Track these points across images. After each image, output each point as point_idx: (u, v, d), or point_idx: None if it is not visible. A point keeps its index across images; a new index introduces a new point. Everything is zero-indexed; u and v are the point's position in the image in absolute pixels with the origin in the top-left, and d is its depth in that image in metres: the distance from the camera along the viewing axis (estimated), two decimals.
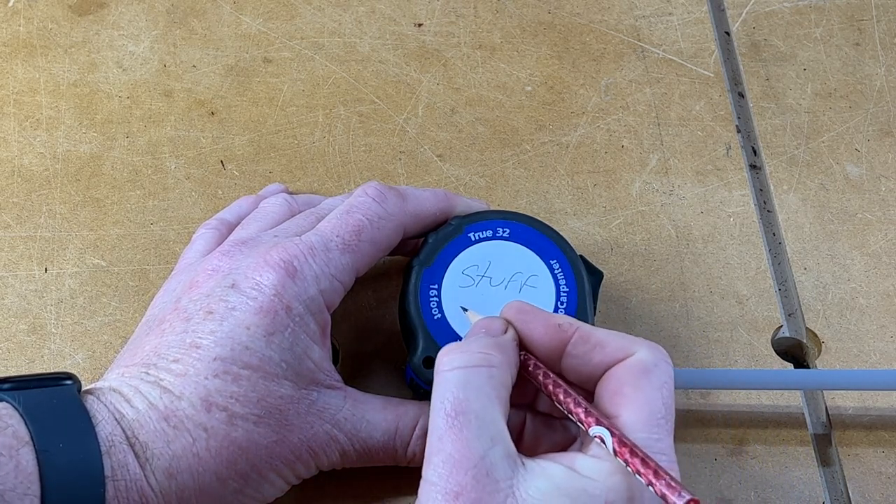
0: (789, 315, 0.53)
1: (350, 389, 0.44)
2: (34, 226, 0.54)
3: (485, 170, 0.57)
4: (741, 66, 0.61)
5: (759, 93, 0.60)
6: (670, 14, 0.63)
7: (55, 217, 0.54)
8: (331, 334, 0.45)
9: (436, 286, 0.46)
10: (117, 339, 0.51)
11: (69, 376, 0.41)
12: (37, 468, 0.37)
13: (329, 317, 0.44)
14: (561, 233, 0.48)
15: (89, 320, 0.51)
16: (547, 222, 0.48)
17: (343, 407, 0.43)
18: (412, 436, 0.44)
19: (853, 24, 0.63)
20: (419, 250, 0.47)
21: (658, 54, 0.61)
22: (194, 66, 0.60)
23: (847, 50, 0.62)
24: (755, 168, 0.58)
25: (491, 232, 0.48)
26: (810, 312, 0.53)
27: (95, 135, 0.57)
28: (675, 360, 0.51)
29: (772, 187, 0.57)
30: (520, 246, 0.48)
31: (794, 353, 0.53)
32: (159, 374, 0.41)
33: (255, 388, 0.41)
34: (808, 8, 0.64)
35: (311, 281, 0.43)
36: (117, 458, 0.39)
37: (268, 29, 0.61)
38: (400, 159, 0.57)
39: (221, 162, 0.56)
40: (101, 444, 0.39)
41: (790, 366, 0.52)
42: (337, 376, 0.44)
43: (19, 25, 0.61)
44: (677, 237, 0.55)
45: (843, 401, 0.51)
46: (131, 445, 0.39)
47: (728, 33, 0.63)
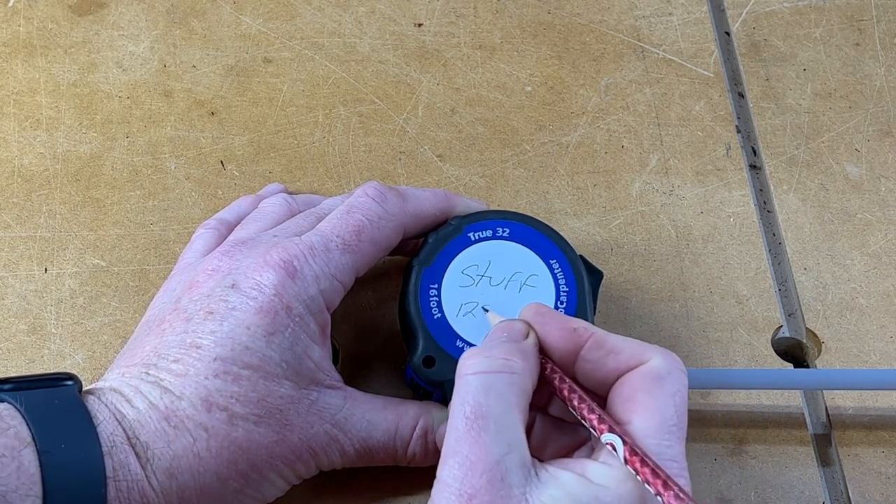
0: (789, 315, 0.53)
1: (350, 389, 0.44)
2: (34, 226, 0.54)
3: (485, 170, 0.57)
4: (741, 66, 0.61)
5: (759, 93, 0.60)
6: (670, 14, 0.63)
7: (55, 217, 0.54)
8: (331, 334, 0.45)
9: (436, 286, 0.46)
10: (117, 339, 0.51)
11: (70, 376, 0.41)
12: (38, 469, 0.37)
13: (329, 317, 0.44)
14: (561, 233, 0.48)
15: (89, 320, 0.51)
16: (547, 222, 0.48)
17: (343, 407, 0.43)
18: (412, 436, 0.44)
19: (853, 24, 0.63)
20: (419, 250, 0.47)
21: (658, 54, 0.61)
22: (194, 66, 0.60)
23: (847, 50, 0.62)
24: (755, 168, 0.58)
25: (491, 232, 0.48)
26: (810, 312, 0.53)
27: (95, 135, 0.57)
28: None
29: (772, 187, 0.57)
30: (520, 246, 0.48)
31: (794, 353, 0.53)
32: (159, 374, 0.41)
33: (255, 388, 0.41)
34: (808, 8, 0.64)
35: (311, 281, 0.43)
36: (118, 459, 0.39)
37: (268, 29, 0.61)
38: (400, 159, 0.57)
39: (221, 162, 0.56)
40: (103, 445, 0.39)
41: (790, 366, 0.52)
42: (337, 376, 0.44)
43: (19, 25, 0.61)
44: (677, 237, 0.55)
45: (843, 401, 0.51)
46: (132, 446, 0.39)
47: (728, 33, 0.63)
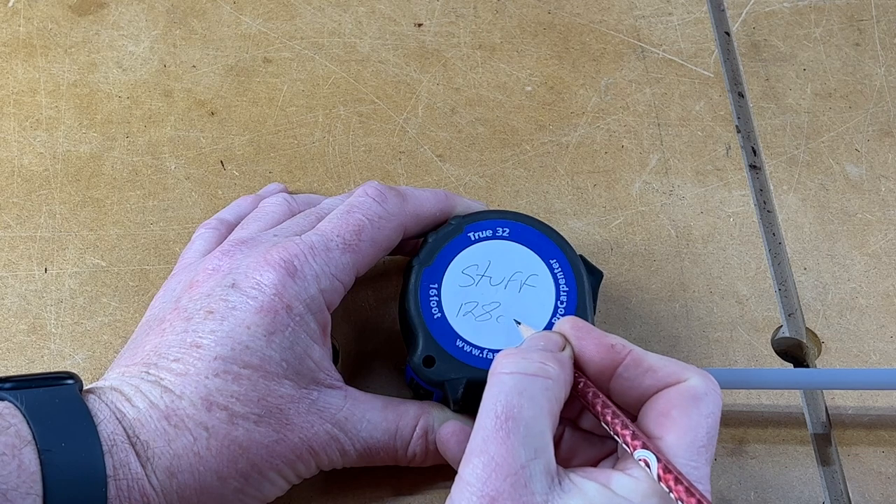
0: (789, 315, 0.53)
1: (350, 389, 0.44)
2: (34, 226, 0.54)
3: (485, 170, 0.57)
4: (741, 66, 0.61)
5: (759, 93, 0.60)
6: (670, 14, 0.63)
7: (55, 217, 0.54)
8: (331, 334, 0.45)
9: (436, 286, 0.46)
10: (117, 339, 0.51)
11: (70, 375, 0.41)
12: (39, 468, 0.37)
13: (329, 316, 0.44)
14: (561, 233, 0.48)
15: (89, 320, 0.51)
16: (547, 222, 0.48)
17: (343, 406, 0.43)
18: (412, 435, 0.44)
19: (853, 24, 0.63)
20: (419, 250, 0.47)
21: (658, 54, 0.61)
22: (194, 66, 0.60)
23: (847, 50, 0.62)
24: (755, 168, 0.58)
25: (491, 231, 0.48)
26: (810, 312, 0.53)
27: (95, 135, 0.57)
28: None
29: (772, 187, 0.57)
30: (519, 245, 0.48)
31: (794, 353, 0.53)
32: (160, 373, 0.41)
33: (255, 387, 0.41)
34: (808, 8, 0.64)
35: (311, 280, 0.43)
36: (119, 458, 0.39)
37: (268, 29, 0.61)
38: (400, 159, 0.57)
39: (221, 162, 0.56)
40: (103, 444, 0.39)
41: (790, 366, 0.52)
42: (337, 375, 0.44)
43: (19, 25, 0.61)
44: (677, 237, 0.55)
45: (843, 400, 0.51)
46: (132, 444, 0.39)
47: (728, 33, 0.63)
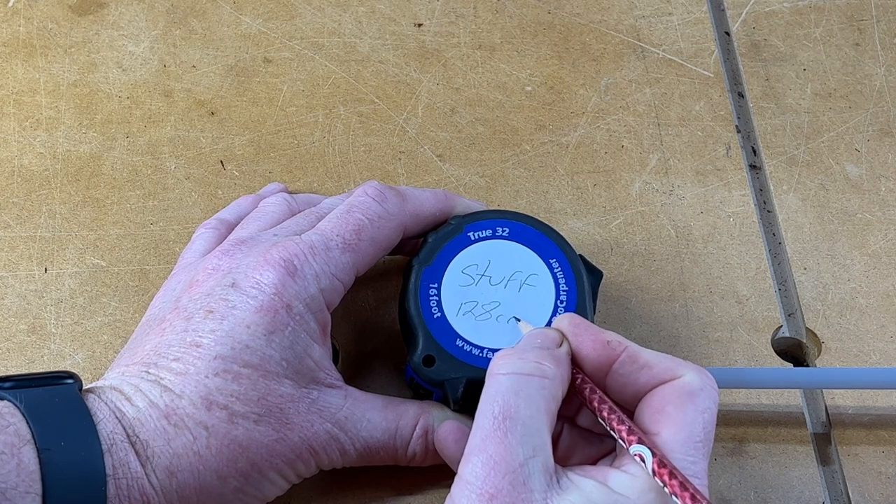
0: (789, 315, 0.53)
1: (350, 389, 0.44)
2: (34, 226, 0.54)
3: (485, 170, 0.57)
4: (741, 66, 0.61)
5: (759, 93, 0.60)
6: (670, 14, 0.63)
7: (55, 217, 0.54)
8: (330, 334, 0.45)
9: (435, 285, 0.46)
10: (117, 339, 0.51)
11: (70, 375, 0.41)
12: (38, 466, 0.37)
13: (329, 316, 0.44)
14: (561, 233, 0.48)
15: (89, 320, 0.51)
16: (547, 222, 0.48)
17: (343, 406, 0.43)
18: (412, 435, 0.44)
19: (853, 24, 0.63)
20: (419, 249, 0.47)
21: (658, 54, 0.61)
22: (194, 66, 0.60)
23: (847, 50, 0.62)
24: (755, 168, 0.58)
25: (490, 231, 0.48)
26: (810, 312, 0.53)
27: (95, 135, 0.57)
28: None
29: (772, 187, 0.57)
30: (519, 245, 0.48)
31: (794, 353, 0.53)
32: (160, 372, 0.41)
33: (255, 386, 0.41)
34: (808, 8, 0.64)
35: (311, 280, 0.43)
36: (118, 457, 0.39)
37: (268, 29, 0.61)
38: (400, 159, 0.57)
39: (221, 162, 0.56)
40: (102, 443, 0.39)
41: (790, 366, 0.51)
42: (337, 375, 0.44)
43: (19, 25, 0.61)
44: (677, 237, 0.55)
45: (843, 400, 0.51)
46: (132, 444, 0.39)
47: (728, 33, 0.63)
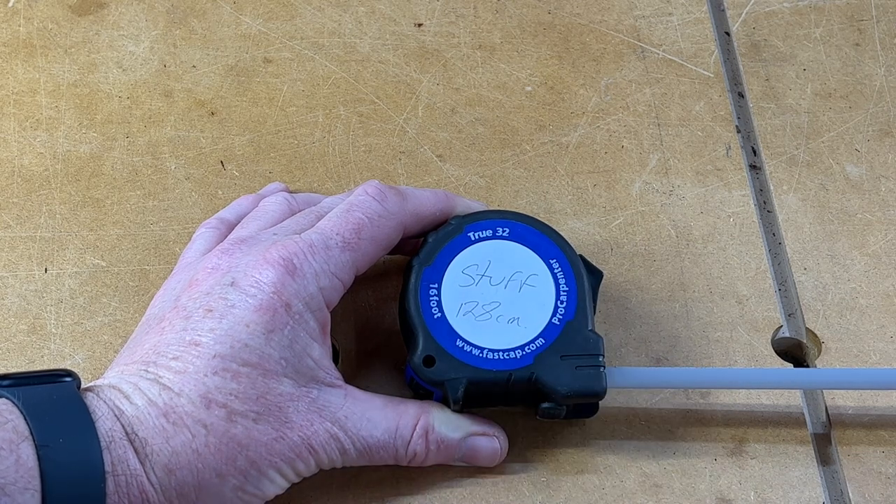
0: (789, 315, 0.53)
1: (350, 388, 0.44)
2: (34, 226, 0.54)
3: (485, 170, 0.57)
4: (741, 66, 0.61)
5: (759, 93, 0.60)
6: (670, 14, 0.63)
7: (55, 217, 0.54)
8: (330, 334, 0.45)
9: (436, 285, 0.46)
10: (117, 339, 0.51)
11: (68, 373, 0.41)
12: (37, 463, 0.37)
13: (329, 315, 0.44)
14: (561, 233, 0.48)
15: (89, 320, 0.51)
16: (547, 222, 0.48)
17: (343, 405, 0.43)
18: (412, 434, 0.44)
19: (853, 24, 0.63)
20: (419, 249, 0.47)
21: (658, 54, 0.61)
22: (194, 66, 0.60)
23: (847, 50, 0.62)
24: (755, 168, 0.58)
25: (491, 231, 0.48)
26: (810, 312, 0.53)
27: (95, 135, 0.57)
28: (675, 359, 0.51)
29: (772, 187, 0.57)
30: (520, 245, 0.48)
31: (794, 353, 0.53)
32: (159, 371, 0.41)
33: (254, 385, 0.41)
34: (808, 8, 0.64)
35: (310, 278, 0.43)
36: (117, 454, 0.39)
37: (268, 29, 0.61)
38: (400, 159, 0.57)
39: (221, 162, 0.56)
40: (101, 440, 0.39)
41: (790, 366, 0.51)
42: (337, 374, 0.44)
43: (19, 25, 0.61)
44: (677, 237, 0.55)
45: (843, 400, 0.51)
46: (130, 441, 0.39)
47: (728, 33, 0.63)
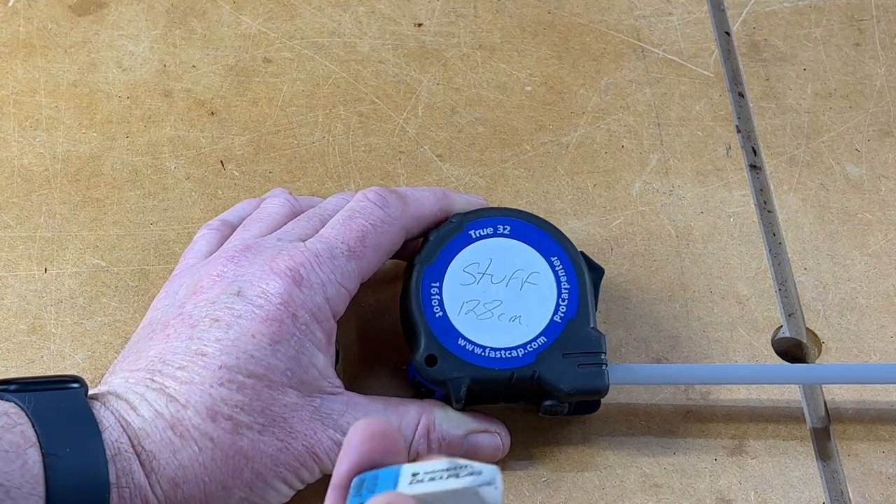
0: (789, 315, 0.53)
1: (351, 394, 0.44)
2: (34, 226, 0.54)
3: (485, 170, 0.57)
4: (741, 66, 0.61)
5: (759, 93, 0.60)
6: (670, 14, 0.63)
7: (55, 217, 0.54)
8: None
9: (437, 284, 0.46)
10: (117, 339, 0.50)
11: (75, 379, 0.41)
12: (42, 470, 0.37)
13: (335, 324, 0.44)
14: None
15: (89, 320, 0.51)
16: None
17: (346, 411, 0.43)
18: (415, 434, 0.44)
19: (853, 24, 0.63)
20: (420, 248, 0.47)
21: (658, 54, 0.61)
22: (194, 66, 0.60)
23: (847, 50, 0.62)
24: (755, 168, 0.58)
25: (492, 229, 0.48)
26: (810, 312, 0.53)
27: (95, 135, 0.57)
28: (675, 360, 0.51)
29: (772, 187, 0.57)
30: (521, 243, 0.48)
31: (794, 353, 0.53)
32: (165, 381, 0.41)
33: (259, 396, 0.41)
34: (808, 8, 0.64)
35: (317, 289, 0.43)
36: (122, 466, 0.39)
37: (268, 29, 0.61)
38: (400, 159, 0.57)
39: (221, 162, 0.56)
40: (107, 451, 0.38)
41: None
42: (339, 383, 0.44)
43: (19, 25, 0.61)
44: (677, 237, 0.55)
45: (843, 399, 0.51)
46: (137, 454, 0.39)
47: (728, 33, 0.63)
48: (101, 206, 0.55)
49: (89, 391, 0.41)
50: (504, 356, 0.45)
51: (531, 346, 0.45)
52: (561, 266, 0.47)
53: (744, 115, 0.60)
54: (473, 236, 0.48)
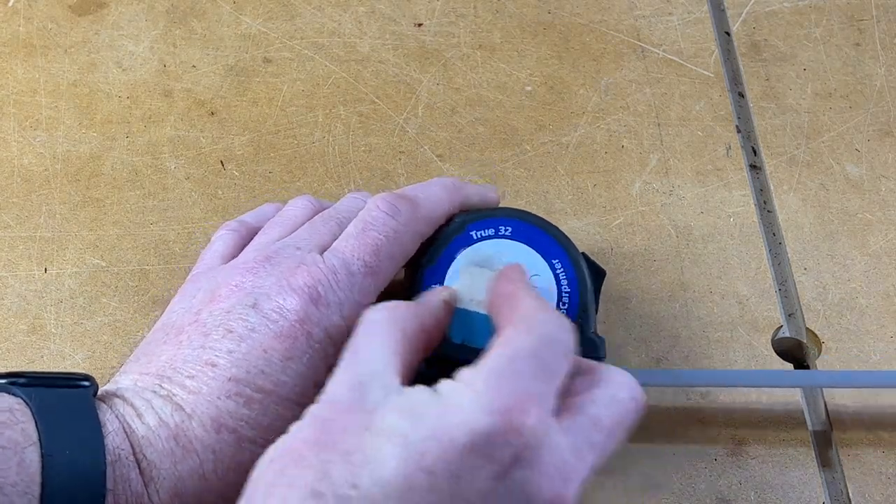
0: (789, 315, 0.53)
1: None
2: (34, 226, 0.54)
3: (485, 170, 0.57)
4: (741, 66, 0.61)
5: (759, 93, 0.60)
6: (670, 14, 0.63)
7: (55, 217, 0.54)
8: None
9: (438, 285, 0.46)
10: (117, 339, 0.51)
11: (86, 377, 0.41)
12: (39, 470, 0.37)
13: None
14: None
15: (89, 320, 0.51)
16: None
17: None
18: None
19: (853, 24, 0.63)
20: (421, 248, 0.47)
21: (658, 54, 0.62)
22: (194, 66, 0.60)
23: (847, 50, 0.62)
24: (755, 168, 0.58)
25: (493, 230, 0.48)
26: (810, 312, 0.53)
27: (95, 135, 0.57)
28: (675, 359, 0.51)
29: (772, 187, 0.57)
30: (522, 245, 0.47)
31: (794, 353, 0.53)
32: (173, 388, 0.41)
33: (266, 412, 0.41)
34: (808, 8, 0.64)
35: (334, 308, 0.43)
36: (121, 472, 0.39)
37: (268, 29, 0.61)
38: (400, 159, 0.57)
39: (221, 162, 0.56)
40: (108, 456, 0.38)
41: (790, 366, 0.52)
42: None
43: (19, 25, 0.61)
44: (677, 237, 0.55)
45: (844, 400, 0.51)
46: (137, 462, 0.39)
47: (728, 33, 0.63)
48: (101, 206, 0.55)
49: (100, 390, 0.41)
50: None
51: None
52: (562, 269, 0.47)
53: (744, 115, 0.60)
54: (475, 237, 0.47)
